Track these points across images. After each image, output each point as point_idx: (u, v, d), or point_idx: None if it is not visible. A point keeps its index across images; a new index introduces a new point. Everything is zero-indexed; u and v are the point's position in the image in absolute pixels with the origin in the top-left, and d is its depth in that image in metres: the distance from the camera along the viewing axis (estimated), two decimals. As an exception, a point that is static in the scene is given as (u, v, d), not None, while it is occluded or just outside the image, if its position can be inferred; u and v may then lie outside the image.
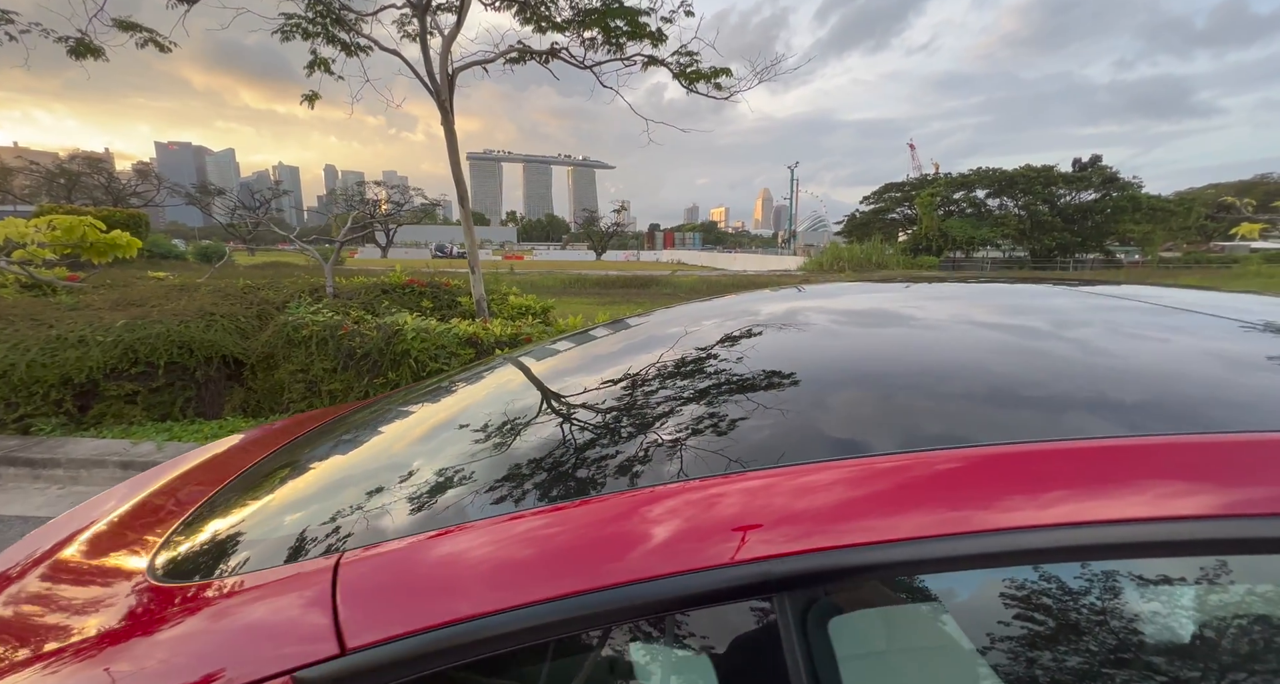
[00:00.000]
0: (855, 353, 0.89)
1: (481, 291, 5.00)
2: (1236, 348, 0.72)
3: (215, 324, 4.27)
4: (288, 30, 4.76)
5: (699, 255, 68.37)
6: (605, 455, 0.64)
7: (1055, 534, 0.43)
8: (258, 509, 0.76)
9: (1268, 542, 0.41)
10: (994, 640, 0.46)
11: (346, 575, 0.53)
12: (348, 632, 0.49)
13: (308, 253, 5.94)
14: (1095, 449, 0.49)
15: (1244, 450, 0.46)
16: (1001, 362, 0.75)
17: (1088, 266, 36.43)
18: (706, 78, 4.96)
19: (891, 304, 1.23)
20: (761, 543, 0.46)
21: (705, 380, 0.84)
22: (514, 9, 4.50)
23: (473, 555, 0.51)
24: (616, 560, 0.47)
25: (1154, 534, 0.42)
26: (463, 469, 0.69)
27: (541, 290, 23.77)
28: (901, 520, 0.46)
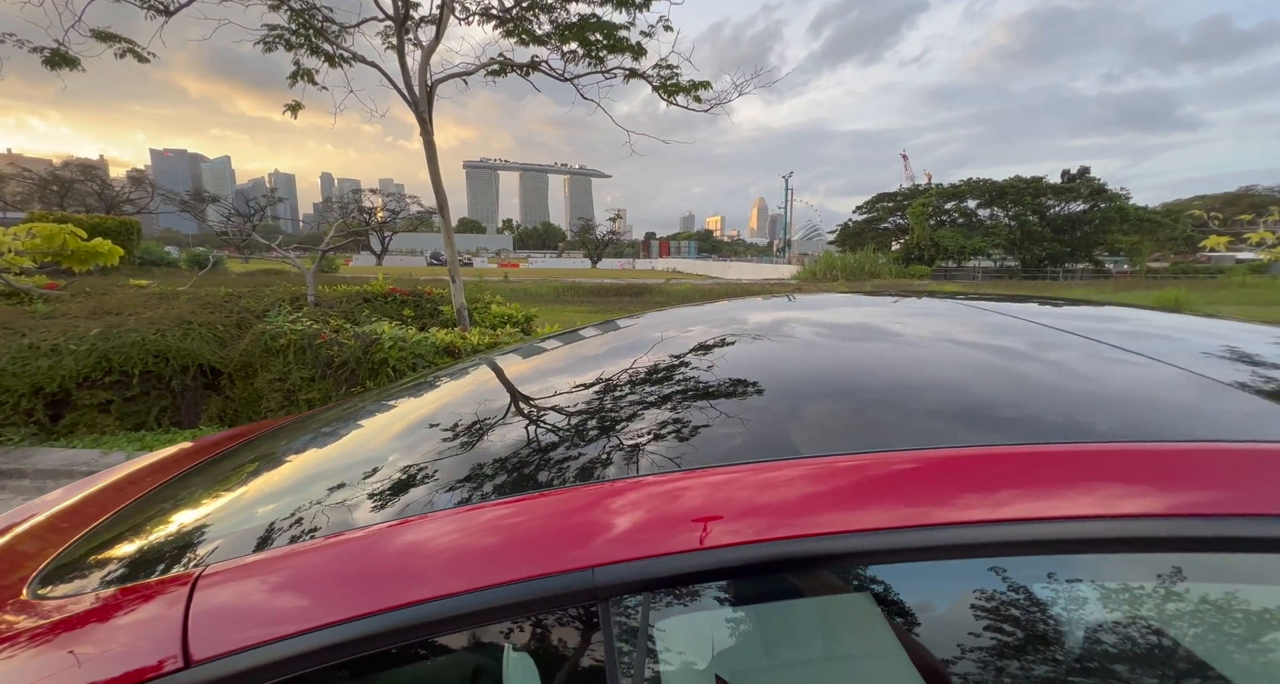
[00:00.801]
0: (791, 361, 0.92)
1: (462, 300, 5.01)
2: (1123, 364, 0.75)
3: (192, 333, 4.26)
4: (270, 41, 4.80)
5: (694, 264, 68.71)
6: (429, 473, 0.67)
7: (905, 535, 0.46)
8: (142, 526, 0.77)
9: (1171, 541, 0.44)
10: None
11: (202, 590, 0.54)
12: (194, 645, 0.50)
13: (290, 261, 5.93)
14: (984, 456, 0.52)
15: (1139, 457, 0.49)
16: (917, 372, 0.78)
17: (1077, 277, 36.80)
18: (686, 90, 5.03)
19: (837, 317, 1.26)
20: (584, 552, 0.48)
21: (633, 386, 0.86)
22: (493, 23, 4.57)
23: (319, 570, 0.53)
24: (446, 574, 0.49)
25: (1038, 533, 0.46)
26: (330, 489, 0.71)
27: (535, 298, 23.88)
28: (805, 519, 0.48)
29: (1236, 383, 0.64)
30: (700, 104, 5.27)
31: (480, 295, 6.18)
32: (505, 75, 4.94)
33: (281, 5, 4.34)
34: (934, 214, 42.50)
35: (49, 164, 47.97)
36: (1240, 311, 17.00)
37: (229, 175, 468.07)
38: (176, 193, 47.49)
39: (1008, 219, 40.88)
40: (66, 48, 4.17)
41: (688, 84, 5.02)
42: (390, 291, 5.67)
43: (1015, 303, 1.34)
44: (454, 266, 4.97)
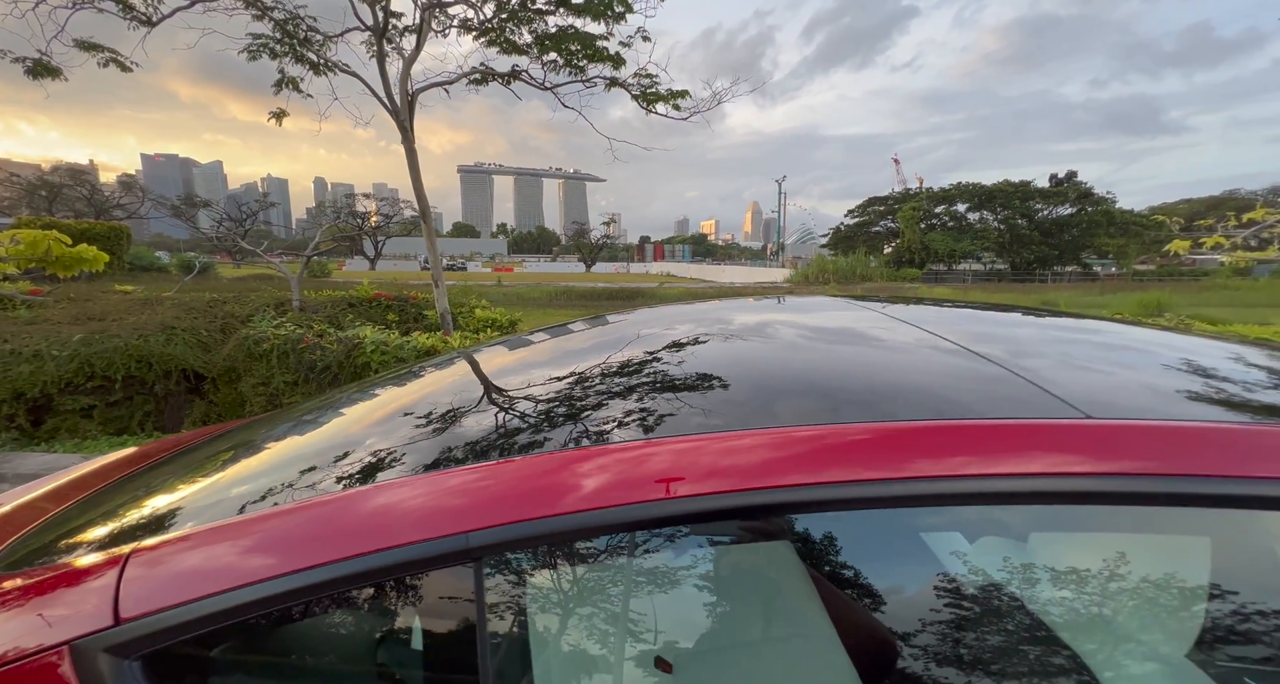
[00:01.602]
0: (696, 352, 1.01)
1: (445, 305, 5.08)
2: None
3: (176, 338, 4.30)
4: (254, 50, 4.88)
5: (688, 267, 68.99)
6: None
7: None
8: (88, 515, 0.85)
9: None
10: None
11: (133, 563, 0.62)
12: (123, 606, 0.58)
13: (275, 267, 5.98)
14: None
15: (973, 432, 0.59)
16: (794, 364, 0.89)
17: (1065, 279, 37.24)
18: (665, 99, 5.14)
19: (770, 318, 1.36)
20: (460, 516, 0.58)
21: (543, 379, 0.95)
22: (473, 34, 4.66)
23: (228, 545, 0.61)
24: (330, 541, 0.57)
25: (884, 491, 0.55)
26: (249, 479, 0.79)
27: (527, 302, 23.91)
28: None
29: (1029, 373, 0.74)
30: (680, 112, 5.39)
31: (465, 300, 6.24)
32: (487, 84, 5.04)
33: (264, 15, 4.42)
34: (924, 217, 42.94)
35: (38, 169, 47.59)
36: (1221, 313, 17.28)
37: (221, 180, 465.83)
38: (167, 198, 47.21)
39: (997, 222, 41.38)
40: (49, 58, 4.22)
41: (666, 93, 5.13)
42: (375, 296, 5.73)
43: (926, 307, 1.44)
44: (437, 272, 5.04)
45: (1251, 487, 0.51)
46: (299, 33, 4.88)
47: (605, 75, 5.10)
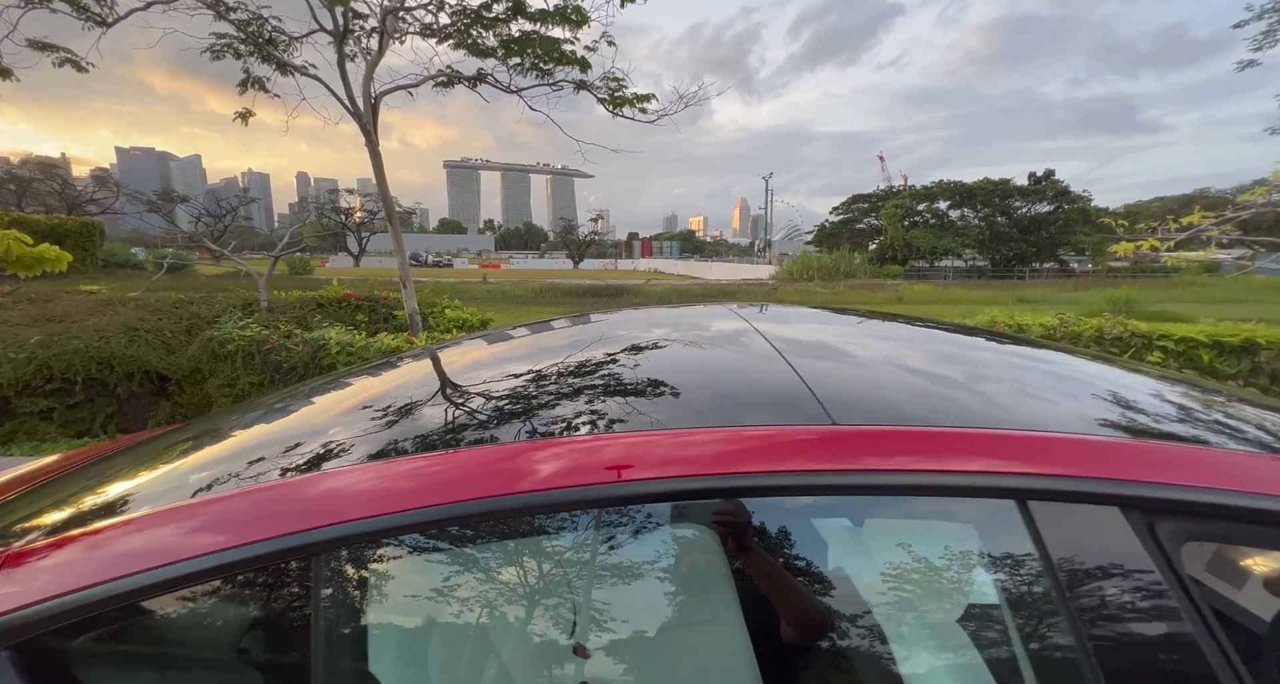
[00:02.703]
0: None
1: (414, 305, 5.12)
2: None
3: (139, 340, 4.31)
4: (218, 50, 4.86)
5: (675, 264, 69.04)
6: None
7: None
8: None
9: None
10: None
11: (9, 561, 0.70)
12: None
13: (243, 266, 5.96)
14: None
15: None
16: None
17: (1043, 276, 37.97)
18: (630, 103, 5.22)
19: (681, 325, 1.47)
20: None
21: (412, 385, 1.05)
22: (435, 39, 4.69)
23: (82, 551, 0.69)
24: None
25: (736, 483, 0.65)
26: (128, 487, 0.88)
27: (512, 299, 23.81)
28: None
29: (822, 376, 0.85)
30: (646, 115, 5.47)
31: (437, 300, 6.28)
32: (453, 87, 5.07)
33: (225, 16, 4.41)
34: (907, 215, 43.46)
35: (6, 162, 46.23)
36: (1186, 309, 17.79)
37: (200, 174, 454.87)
38: (143, 192, 46.04)
39: (977, 220, 42.03)
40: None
41: (632, 96, 5.21)
42: (345, 297, 5.75)
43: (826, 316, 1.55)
44: (405, 272, 5.08)
45: (1008, 480, 0.62)
46: (263, 33, 4.88)
47: (571, 79, 5.16)
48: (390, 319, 5.62)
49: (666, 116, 5.70)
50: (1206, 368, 3.84)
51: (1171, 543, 0.61)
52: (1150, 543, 0.60)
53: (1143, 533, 0.60)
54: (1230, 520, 0.61)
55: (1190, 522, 0.61)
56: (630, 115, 5.43)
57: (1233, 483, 0.61)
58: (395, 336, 4.60)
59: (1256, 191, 4.47)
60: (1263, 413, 0.90)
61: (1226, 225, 4.93)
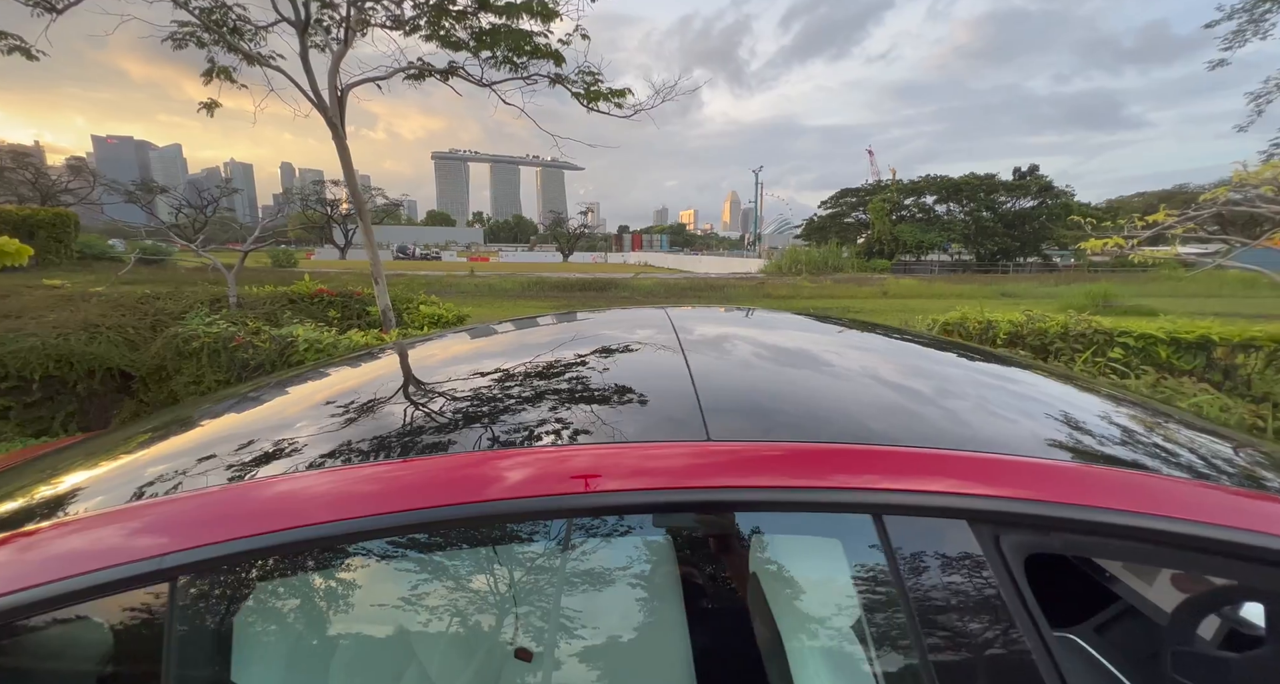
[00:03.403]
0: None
1: (386, 301, 5.07)
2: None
3: (100, 336, 4.22)
4: (180, 39, 4.73)
5: (665, 257, 68.90)
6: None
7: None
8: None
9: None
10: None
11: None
12: None
13: (208, 260, 5.85)
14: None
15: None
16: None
17: (1026, 270, 38.47)
18: (605, 97, 5.18)
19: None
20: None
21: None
22: (402, 31, 4.61)
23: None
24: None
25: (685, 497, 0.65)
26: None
27: (499, 293, 23.63)
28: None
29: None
30: (622, 110, 5.43)
31: (412, 295, 6.22)
32: (424, 80, 4.99)
33: (185, 4, 4.29)
34: (894, 209, 43.75)
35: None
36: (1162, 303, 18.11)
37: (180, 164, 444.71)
38: (121, 182, 44.85)
39: (963, 214, 42.43)
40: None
41: (606, 91, 5.16)
42: (317, 293, 5.67)
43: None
44: (376, 267, 5.02)
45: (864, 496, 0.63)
46: (227, 21, 4.76)
47: (545, 72, 5.10)
48: (364, 315, 5.56)
49: (643, 111, 5.67)
50: (1164, 364, 3.93)
51: (1014, 554, 0.62)
52: (995, 555, 0.62)
53: (988, 545, 0.62)
54: (1072, 532, 0.63)
55: (1034, 534, 0.63)
56: (606, 110, 5.39)
57: (1075, 497, 0.63)
58: (365, 333, 4.55)
59: (1218, 191, 4.54)
60: (1140, 421, 0.92)
61: (1191, 223, 5.02)
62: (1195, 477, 0.70)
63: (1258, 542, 0.61)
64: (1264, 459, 0.86)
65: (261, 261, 41.98)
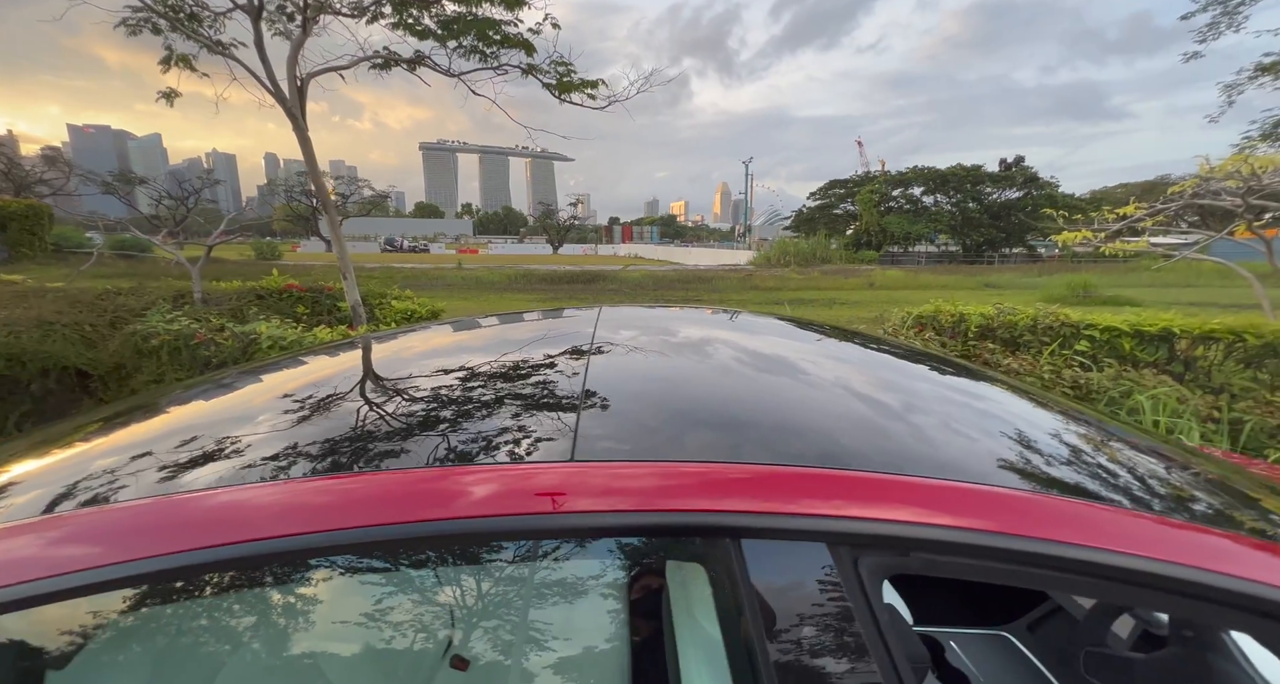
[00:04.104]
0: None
1: (356, 297, 4.99)
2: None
3: (54, 334, 4.11)
4: (134, 24, 4.57)
5: (656, 249, 68.76)
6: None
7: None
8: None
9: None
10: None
11: None
12: None
13: (174, 255, 5.71)
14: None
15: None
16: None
17: (1012, 261, 38.85)
18: (578, 88, 5.09)
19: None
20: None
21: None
22: (364, 19, 4.47)
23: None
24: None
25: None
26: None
27: (486, 286, 23.45)
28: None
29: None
30: (595, 101, 5.34)
31: (386, 290, 6.13)
32: (390, 69, 4.86)
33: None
34: (881, 201, 43.90)
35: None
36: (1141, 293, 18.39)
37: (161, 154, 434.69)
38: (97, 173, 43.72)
39: (950, 205, 42.67)
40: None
41: (579, 81, 5.07)
42: (286, 288, 5.57)
43: None
44: (345, 263, 4.92)
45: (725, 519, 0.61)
46: (183, 7, 4.60)
47: (515, 63, 5.00)
48: (334, 311, 5.47)
49: (618, 101, 5.58)
50: (1128, 356, 3.97)
51: (872, 577, 0.60)
52: (852, 577, 0.59)
53: (846, 568, 0.60)
54: (933, 553, 0.61)
55: (893, 555, 0.61)
56: (579, 101, 5.30)
57: (935, 517, 0.61)
58: (332, 330, 4.47)
59: (1186, 184, 4.58)
60: (1043, 433, 0.90)
61: (1160, 215, 5.07)
62: (1077, 495, 0.68)
63: (1125, 563, 0.59)
64: (1164, 471, 0.85)
65: (245, 254, 41.29)
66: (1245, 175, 3.96)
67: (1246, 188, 3.95)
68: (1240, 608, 0.59)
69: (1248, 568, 0.60)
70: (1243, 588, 0.58)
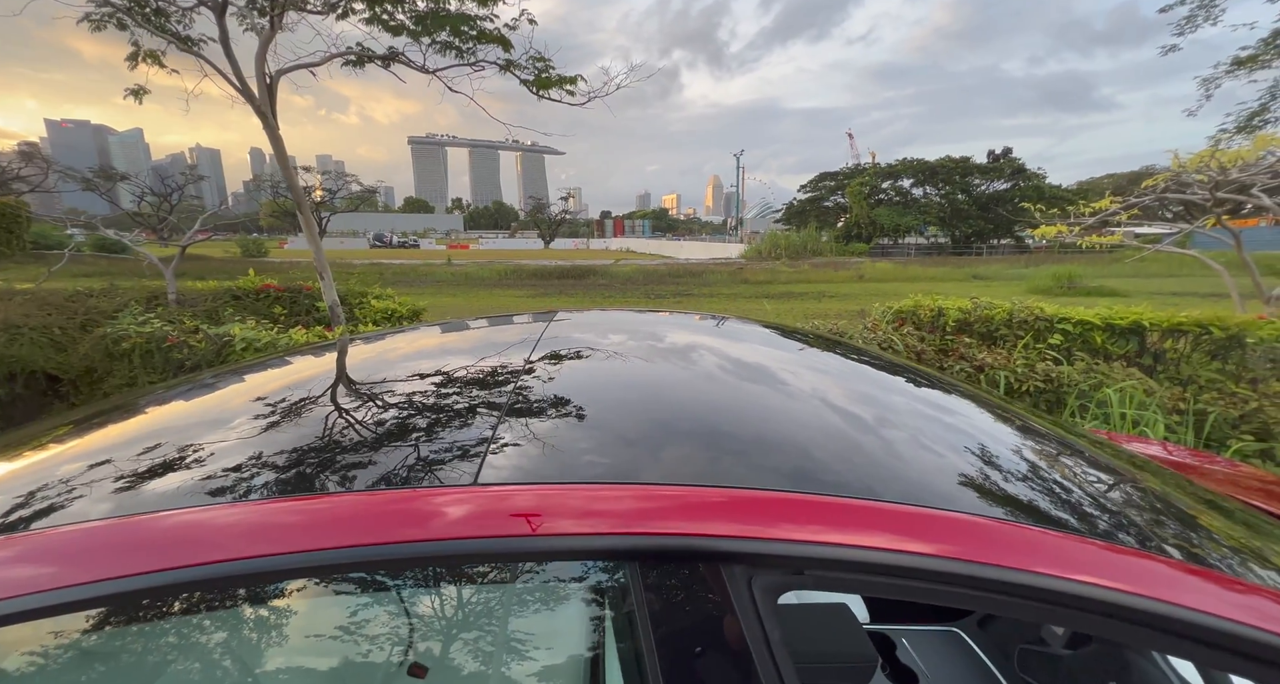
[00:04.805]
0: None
1: (334, 297, 4.93)
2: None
3: (20, 338, 4.04)
4: (98, 20, 4.46)
5: (647, 243, 68.56)
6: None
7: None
8: None
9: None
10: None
11: None
12: None
13: (146, 256, 5.61)
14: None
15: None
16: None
17: (1000, 252, 39.15)
18: (556, 84, 5.04)
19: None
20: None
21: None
22: (335, 14, 4.38)
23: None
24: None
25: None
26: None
27: (476, 282, 23.27)
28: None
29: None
30: (574, 98, 5.30)
31: (366, 289, 6.07)
32: (364, 66, 4.78)
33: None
34: (871, 193, 44.01)
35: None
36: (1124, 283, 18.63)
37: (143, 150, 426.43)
38: (77, 169, 42.70)
39: (939, 197, 42.87)
40: None
41: (556, 77, 5.02)
42: (263, 288, 5.50)
43: None
44: (321, 262, 4.87)
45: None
46: (149, 2, 4.49)
47: (492, 59, 4.93)
48: (312, 311, 5.41)
49: (598, 98, 5.54)
50: (1100, 349, 4.02)
51: (765, 596, 0.60)
52: (746, 597, 0.60)
53: (740, 588, 0.60)
54: (826, 570, 0.61)
55: (787, 574, 0.61)
56: (557, 98, 5.25)
57: (828, 534, 0.61)
58: (309, 331, 4.43)
59: (1158, 177, 4.63)
60: (971, 446, 0.90)
61: (1135, 208, 5.12)
62: (968, 511, 0.68)
63: (1009, 578, 0.60)
64: (1072, 484, 0.86)
65: (231, 252, 40.67)
66: (1214, 169, 4.01)
67: (1214, 182, 4.00)
68: (1133, 622, 0.59)
69: (1142, 584, 0.60)
70: (1134, 603, 0.59)
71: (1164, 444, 2.07)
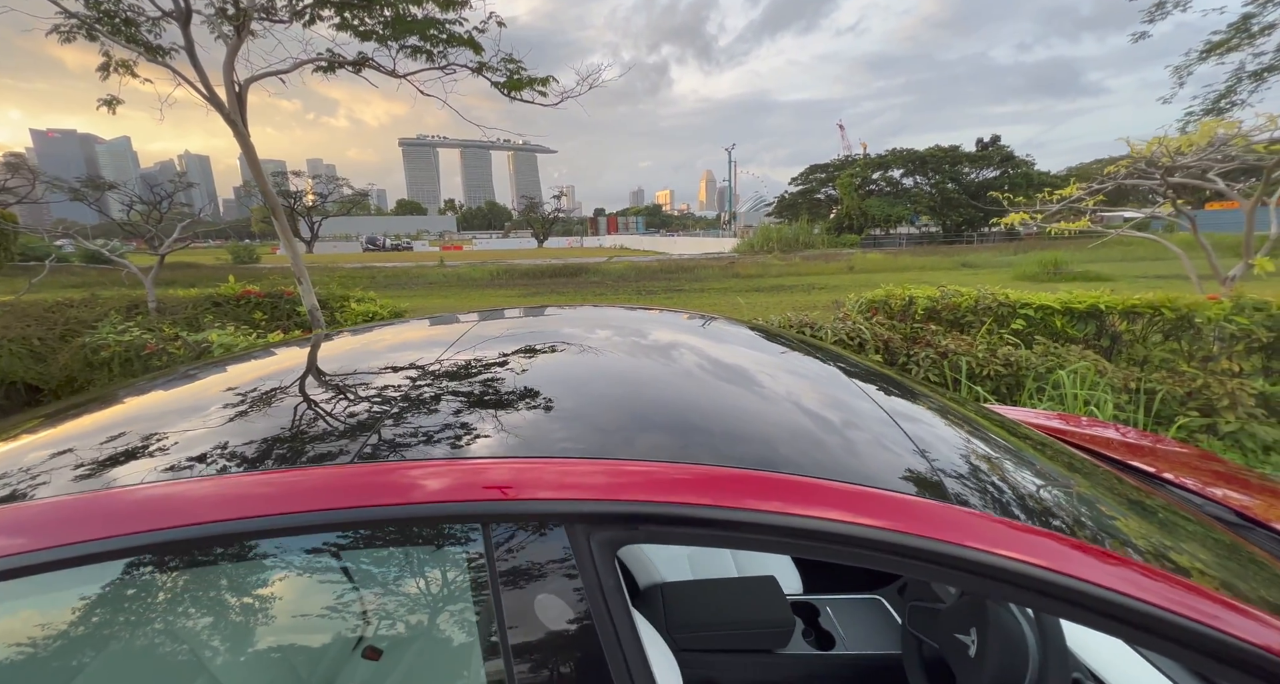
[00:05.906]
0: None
1: (313, 301, 4.99)
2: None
3: (0, 350, 4.09)
4: (67, 31, 4.49)
5: (641, 240, 68.46)
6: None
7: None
8: None
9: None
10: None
11: None
12: None
13: (123, 265, 5.65)
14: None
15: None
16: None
17: (991, 240, 39.28)
18: (528, 85, 5.08)
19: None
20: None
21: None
22: (303, 21, 4.42)
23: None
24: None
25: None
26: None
27: (468, 283, 23.20)
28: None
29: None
30: (546, 99, 5.35)
31: (347, 293, 6.13)
32: (334, 71, 4.82)
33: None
34: (862, 184, 44.04)
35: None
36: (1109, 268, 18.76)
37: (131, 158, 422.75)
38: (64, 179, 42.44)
39: (929, 187, 42.93)
40: None
41: (528, 79, 5.07)
42: (244, 294, 5.55)
43: None
44: (299, 268, 4.92)
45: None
46: (118, 12, 4.53)
47: (463, 62, 4.97)
48: (293, 316, 5.47)
49: (571, 98, 5.59)
50: (1060, 333, 4.12)
51: (603, 551, 0.69)
52: (586, 553, 0.68)
53: (581, 544, 0.68)
54: (656, 524, 0.70)
55: (622, 530, 0.70)
56: (530, 99, 5.30)
57: (656, 495, 0.70)
58: (287, 336, 4.49)
59: (1120, 164, 4.71)
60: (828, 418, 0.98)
61: (1100, 194, 5.21)
62: (788, 469, 0.76)
63: (853, 533, 0.67)
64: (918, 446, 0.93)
65: (222, 258, 40.47)
66: (1170, 154, 4.09)
67: (1164, 168, 4.08)
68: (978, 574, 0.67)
69: (981, 540, 0.67)
70: (969, 555, 0.66)
71: (1114, 425, 2.13)
